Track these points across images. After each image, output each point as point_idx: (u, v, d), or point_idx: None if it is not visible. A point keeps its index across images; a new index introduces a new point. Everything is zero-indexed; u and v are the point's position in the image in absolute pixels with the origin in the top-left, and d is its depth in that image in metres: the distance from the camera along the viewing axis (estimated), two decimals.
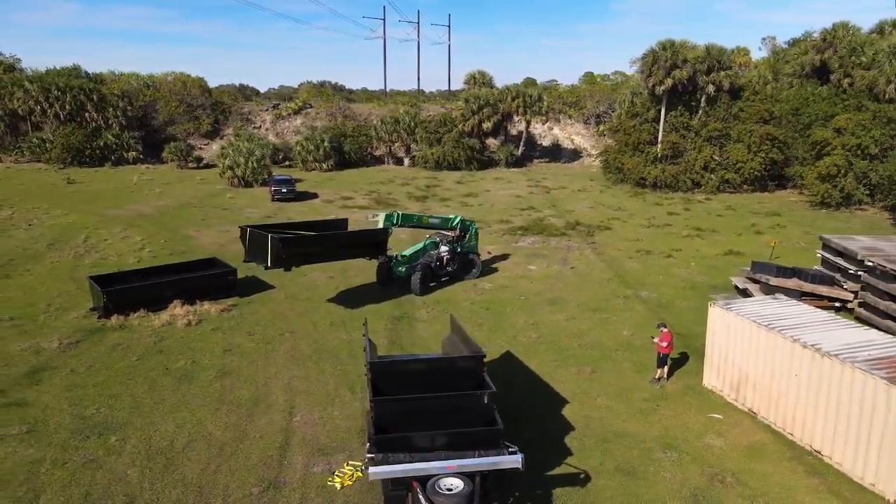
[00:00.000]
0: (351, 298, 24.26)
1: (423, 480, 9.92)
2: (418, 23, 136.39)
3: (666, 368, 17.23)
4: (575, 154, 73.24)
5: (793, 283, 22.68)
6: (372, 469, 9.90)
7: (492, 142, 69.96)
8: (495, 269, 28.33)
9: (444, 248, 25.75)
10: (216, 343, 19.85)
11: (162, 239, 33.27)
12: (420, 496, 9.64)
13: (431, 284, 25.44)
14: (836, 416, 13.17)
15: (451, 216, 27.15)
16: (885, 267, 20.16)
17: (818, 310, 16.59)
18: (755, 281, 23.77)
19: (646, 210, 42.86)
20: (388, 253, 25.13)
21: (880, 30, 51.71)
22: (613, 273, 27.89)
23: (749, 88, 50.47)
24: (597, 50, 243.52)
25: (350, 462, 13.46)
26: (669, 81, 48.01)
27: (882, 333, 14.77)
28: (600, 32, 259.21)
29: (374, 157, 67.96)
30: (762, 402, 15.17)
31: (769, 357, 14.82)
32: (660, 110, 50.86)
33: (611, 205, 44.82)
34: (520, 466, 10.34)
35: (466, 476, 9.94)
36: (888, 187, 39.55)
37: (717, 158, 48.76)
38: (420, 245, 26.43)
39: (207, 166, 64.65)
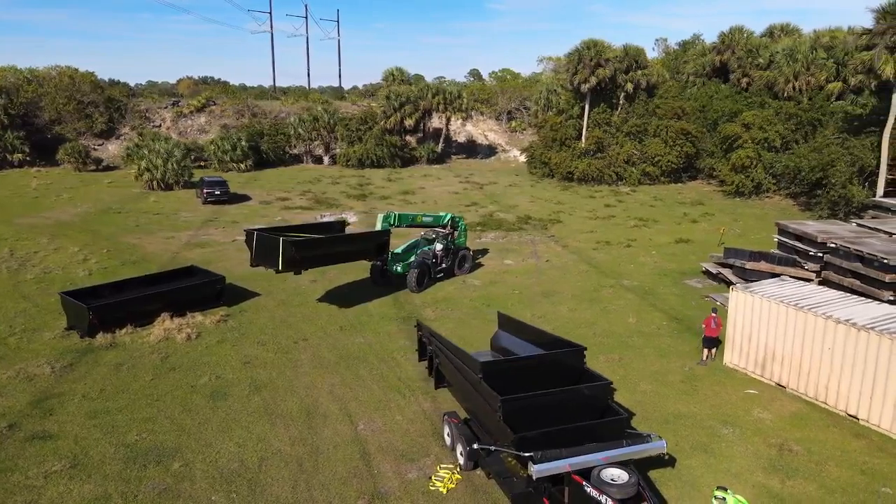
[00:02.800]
0: (345, 300, 23.67)
1: (583, 474, 10.10)
2: (306, 17, 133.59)
3: (714, 350, 18.42)
4: (490, 150, 74.82)
5: (764, 265, 24.77)
6: (538, 466, 9.94)
7: (410, 139, 69.99)
8: (479, 265, 28.62)
9: (438, 245, 25.73)
10: (229, 356, 18.75)
11: (103, 249, 30.62)
12: (588, 490, 9.82)
13: (425, 281, 25.33)
14: (873, 382, 14.70)
15: (441, 213, 27.18)
16: (848, 248, 22.51)
17: (825, 288, 18.35)
18: (728, 266, 25.69)
19: (582, 203, 44.80)
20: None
21: (770, 33, 57.00)
22: (587, 264, 29.06)
23: (662, 86, 53.94)
24: (478, 48, 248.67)
25: (442, 466, 13.32)
26: (594, 80, 50.37)
27: (891, 307, 16.58)
28: (481, 31, 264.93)
29: (292, 156, 65.89)
30: (792, 375, 16.58)
31: (799, 334, 16.22)
32: (583, 107, 53.20)
33: (548, 199, 46.40)
34: (664, 451, 10.78)
35: (623, 465, 10.23)
36: (791, 177, 43.84)
37: (636, 152, 51.77)
38: (410, 242, 26.22)
39: (108, 168, 60.10)
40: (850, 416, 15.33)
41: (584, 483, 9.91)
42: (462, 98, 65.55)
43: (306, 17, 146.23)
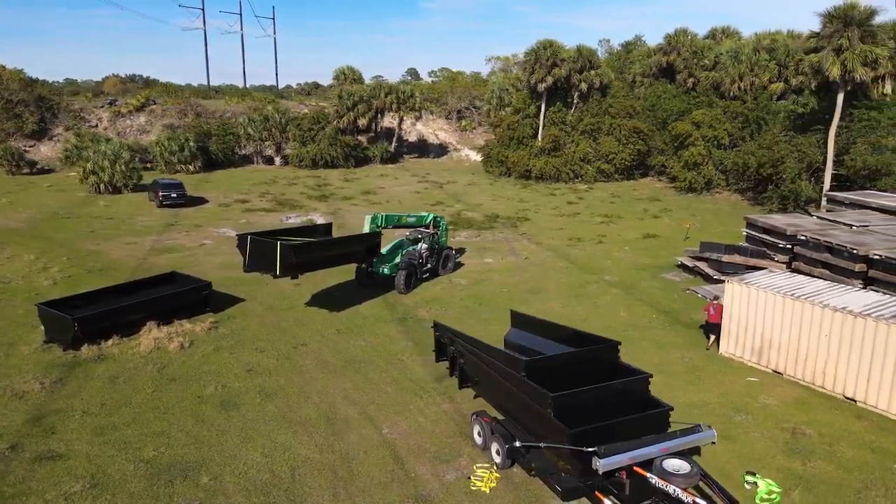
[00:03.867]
0: (334, 303, 23.28)
1: (643, 466, 10.33)
2: (241, 14, 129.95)
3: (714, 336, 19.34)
4: (442, 149, 74.98)
5: (738, 258, 25.86)
6: (603, 461, 10.08)
7: (361, 138, 69.32)
8: (459, 264, 28.65)
9: (423, 245, 25.62)
10: (229, 364, 18.16)
11: (62, 256, 29.02)
12: (654, 481, 10.05)
13: (412, 282, 25.19)
14: (870, 366, 15.61)
15: (423, 214, 27.06)
16: (818, 239, 23.78)
17: (813, 279, 19.33)
18: (703, 259, 26.68)
19: (544, 201, 45.54)
20: None
21: (712, 36, 59.43)
22: (566, 261, 29.59)
23: (614, 86, 55.41)
24: (412, 46, 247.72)
25: (479, 465, 13.32)
26: (550, 79, 51.25)
27: (880, 293, 17.64)
28: (414, 30, 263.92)
29: (241, 157, 64.13)
30: (789, 362, 17.41)
31: (796, 322, 17.05)
32: (539, 106, 54.04)
33: (510, 197, 46.94)
34: (714, 440, 11.15)
35: (682, 455, 10.52)
36: (740, 173, 45.90)
37: (591, 151, 52.99)
38: (394, 243, 26.00)
39: (44, 171, 57.04)
40: (848, 398, 16.22)
41: (648, 475, 10.14)
42: (415, 97, 65.43)
43: (240, 14, 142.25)
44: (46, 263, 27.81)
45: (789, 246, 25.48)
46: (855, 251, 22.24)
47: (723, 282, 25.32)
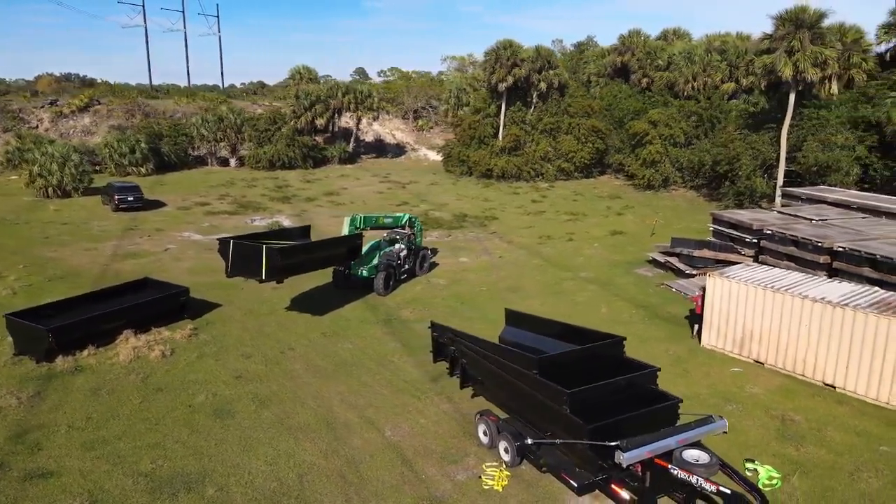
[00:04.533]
0: (315, 307, 22.91)
1: (663, 459, 10.55)
2: (183, 11, 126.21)
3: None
4: (399, 149, 74.74)
5: (707, 252, 26.67)
6: (626, 454, 10.23)
7: (318, 139, 68.42)
8: (434, 264, 28.63)
9: (401, 246, 25.46)
10: (216, 371, 17.67)
11: (18, 264, 27.69)
12: (675, 472, 10.28)
13: (391, 283, 25.02)
14: (849, 353, 16.35)
15: (399, 214, 26.87)
16: (783, 233, 24.75)
17: (788, 271, 20.09)
18: (675, 254, 27.41)
19: (508, 199, 45.92)
20: None
21: (664, 37, 61.03)
22: (539, 259, 29.93)
23: (572, 86, 56.30)
24: (359, 46, 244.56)
25: (488, 464, 13.36)
26: (511, 79, 51.70)
27: (853, 284, 18.46)
28: (359, 29, 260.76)
29: (195, 158, 62.41)
30: (770, 352, 18.06)
31: (777, 313, 17.70)
32: (500, 105, 54.45)
33: (474, 196, 47.15)
34: (726, 430, 11.47)
35: (699, 446, 10.79)
36: (695, 171, 47.35)
37: (551, 149, 53.71)
38: (371, 245, 25.75)
39: None
40: (827, 385, 16.94)
41: (669, 466, 10.36)
42: (373, 97, 65.01)
43: (183, 11, 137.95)
44: (1, 272, 26.47)
45: (755, 240, 26.44)
46: (820, 244, 23.24)
47: (694, 276, 26.15)
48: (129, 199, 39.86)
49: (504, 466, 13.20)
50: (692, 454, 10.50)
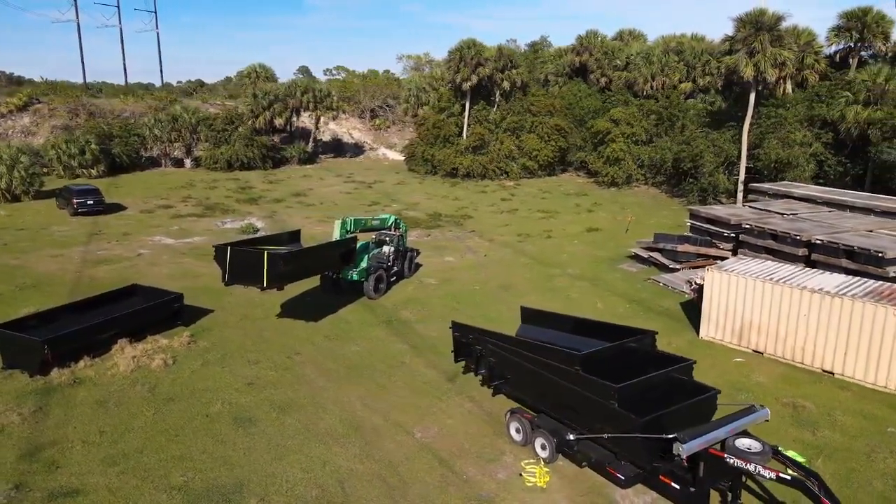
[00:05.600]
0: (310, 310, 22.45)
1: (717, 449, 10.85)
2: (118, 6, 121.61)
3: None
4: (358, 149, 74.04)
5: (690, 247, 27.50)
6: (686, 445, 10.47)
7: (274, 139, 67.06)
8: (417, 265, 28.51)
9: (389, 248, 25.18)
10: (225, 379, 17.16)
11: None
12: (731, 461, 10.58)
13: (382, 286, 24.76)
14: (847, 341, 17.17)
15: (385, 216, 26.57)
16: (762, 227, 25.76)
17: (782, 264, 20.90)
18: (658, 249, 28.14)
19: (478, 198, 46.15)
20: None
21: (620, 37, 62.50)
22: (524, 256, 30.22)
23: (534, 85, 57.00)
24: (301, 44, 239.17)
25: (526, 462, 13.44)
26: (475, 78, 51.96)
27: (845, 276, 19.34)
28: (299, 26, 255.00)
29: (147, 160, 60.21)
30: (769, 341, 18.79)
31: (776, 304, 18.43)
32: (464, 105, 54.65)
33: (443, 195, 47.19)
34: (768, 418, 11.88)
35: (748, 435, 11.14)
36: (657, 168, 48.75)
37: (515, 148, 54.26)
38: (359, 247, 25.34)
39: None
40: (826, 371, 17.75)
41: (725, 456, 10.67)
42: (332, 96, 64.18)
43: (118, 7, 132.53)
44: None
45: (733, 234, 27.42)
46: (798, 237, 24.30)
47: (679, 270, 26.91)
48: (89, 202, 38.15)
49: (542, 463, 13.31)
50: (744, 443, 10.84)
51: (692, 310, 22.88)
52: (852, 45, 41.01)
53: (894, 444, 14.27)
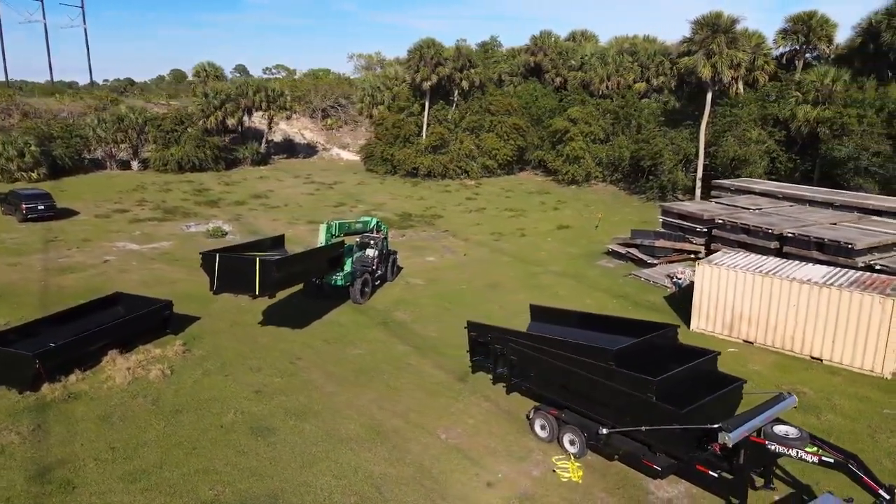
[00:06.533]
0: (300, 315, 21.90)
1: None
2: (42, 0, 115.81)
3: None
4: (311, 149, 72.81)
5: (667, 243, 28.33)
6: (732, 433, 10.80)
7: (225, 139, 65.21)
8: (399, 267, 28.29)
9: (373, 252, 24.78)
10: (230, 387, 16.63)
11: None
12: (773, 447, 10.99)
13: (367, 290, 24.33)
14: (835, 328, 18.08)
15: (367, 218, 26.21)
16: (735, 222, 26.81)
17: (766, 257, 21.76)
18: (635, 245, 28.86)
19: (443, 198, 46.18)
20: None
21: (573, 38, 63.68)
22: (504, 255, 30.46)
23: (491, 85, 57.41)
24: (233, 41, 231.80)
25: (557, 458, 13.59)
26: (435, 77, 51.95)
27: (829, 267, 20.26)
28: (231, 24, 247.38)
29: (91, 162, 57.50)
30: (759, 332, 19.59)
31: (766, 295, 19.23)
32: (423, 104, 54.57)
33: (407, 195, 47.01)
34: (796, 405, 12.38)
35: (782, 421, 11.59)
36: (615, 166, 49.98)
37: (475, 147, 54.54)
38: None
39: None
40: (814, 358, 18.64)
41: (766, 443, 11.07)
42: (285, 96, 62.90)
43: (42, 1, 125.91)
44: None
45: (706, 230, 28.42)
46: (770, 230, 25.42)
47: (656, 265, 27.69)
48: (40, 207, 36.13)
49: (572, 459, 13.48)
50: (782, 429, 11.28)
51: (676, 303, 23.62)
52: (798, 47, 43.12)
53: (892, 424, 15.12)
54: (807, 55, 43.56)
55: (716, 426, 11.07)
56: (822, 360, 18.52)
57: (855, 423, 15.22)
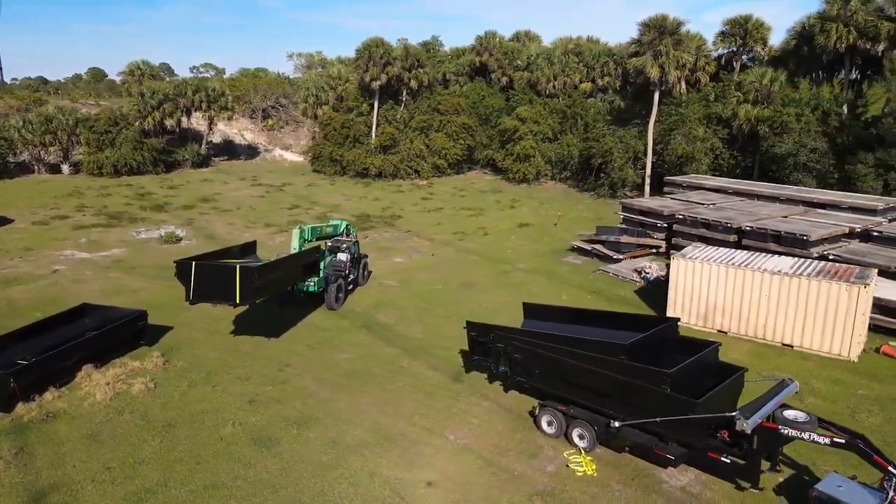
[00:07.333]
0: (277, 321, 21.25)
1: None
2: None
3: None
4: (252, 150, 70.91)
5: (631, 239, 29.15)
6: (750, 420, 11.23)
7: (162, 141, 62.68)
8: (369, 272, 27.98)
9: (345, 256, 24.30)
10: (221, 399, 16.07)
11: None
12: (786, 432, 11.48)
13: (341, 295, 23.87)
14: (805, 316, 19.08)
15: (337, 222, 25.75)
16: (695, 217, 27.86)
17: (735, 250, 22.66)
18: (600, 242, 29.55)
19: (398, 198, 45.94)
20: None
21: (517, 38, 64.46)
22: (471, 254, 30.58)
23: (435, 85, 57.47)
24: (146, 38, 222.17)
25: (569, 453, 13.77)
26: (384, 77, 51.58)
27: (794, 258, 21.28)
28: (149, 20, 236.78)
29: (16, 166, 54.14)
30: (732, 321, 20.44)
31: (738, 286, 20.08)
32: (372, 104, 54.07)
33: (361, 195, 46.53)
34: (798, 390, 12.98)
35: (789, 406, 12.14)
36: (564, 164, 50.99)
37: (424, 147, 54.49)
38: None
39: None
40: (785, 345, 19.61)
41: (778, 427, 11.57)
42: (227, 96, 61.04)
43: None
44: None
45: (666, 225, 29.42)
46: (729, 224, 26.58)
47: (622, 260, 28.44)
48: None
49: (583, 453, 13.70)
50: (790, 413, 11.84)
51: (646, 296, 24.35)
52: (735, 49, 45.16)
53: (868, 403, 16.10)
54: (743, 57, 45.66)
55: (733, 414, 11.51)
56: (792, 347, 19.50)
57: (835, 404, 16.11)
